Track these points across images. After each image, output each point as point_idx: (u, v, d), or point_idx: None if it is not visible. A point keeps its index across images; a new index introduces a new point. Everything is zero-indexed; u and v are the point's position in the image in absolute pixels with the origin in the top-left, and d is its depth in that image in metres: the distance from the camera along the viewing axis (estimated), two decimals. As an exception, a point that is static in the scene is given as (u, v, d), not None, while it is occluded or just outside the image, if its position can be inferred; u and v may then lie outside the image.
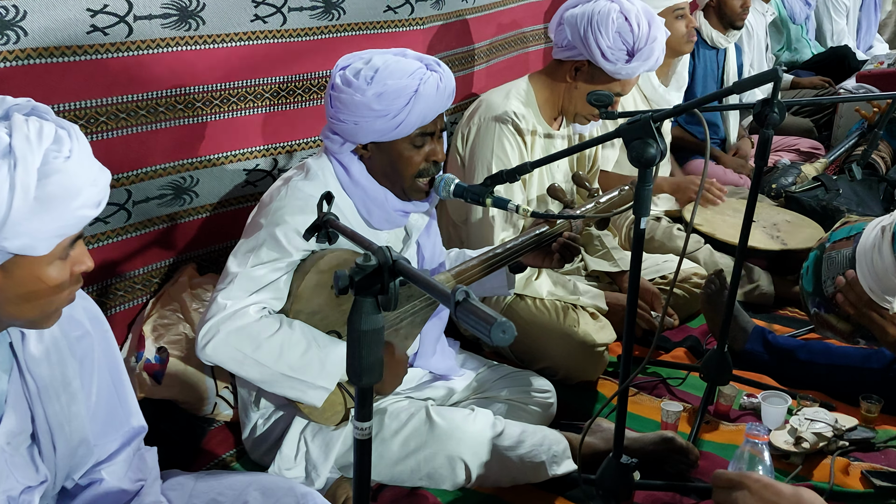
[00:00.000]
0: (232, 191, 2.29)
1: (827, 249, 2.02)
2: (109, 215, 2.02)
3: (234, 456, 2.17)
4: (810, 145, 4.29)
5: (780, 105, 2.00)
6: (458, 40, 2.89)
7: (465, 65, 2.99)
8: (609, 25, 2.44)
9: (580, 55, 2.51)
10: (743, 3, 3.85)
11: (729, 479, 1.47)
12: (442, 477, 1.98)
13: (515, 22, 3.25)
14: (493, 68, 3.16)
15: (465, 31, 2.93)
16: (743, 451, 1.68)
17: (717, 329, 2.60)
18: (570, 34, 2.50)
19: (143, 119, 2.02)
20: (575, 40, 2.49)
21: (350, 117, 1.88)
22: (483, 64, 3.10)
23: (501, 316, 0.93)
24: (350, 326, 1.11)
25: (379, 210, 2.00)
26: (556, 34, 2.58)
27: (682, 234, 3.19)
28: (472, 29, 2.97)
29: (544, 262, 2.12)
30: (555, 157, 1.91)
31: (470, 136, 2.59)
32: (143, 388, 2.04)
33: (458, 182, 1.98)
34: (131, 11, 1.92)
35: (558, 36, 2.56)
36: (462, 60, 2.96)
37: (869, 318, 1.91)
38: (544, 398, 2.25)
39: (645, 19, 2.48)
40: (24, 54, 1.74)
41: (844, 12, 5.86)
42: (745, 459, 1.66)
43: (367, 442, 1.20)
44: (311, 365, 1.79)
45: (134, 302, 2.13)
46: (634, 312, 1.78)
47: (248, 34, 2.16)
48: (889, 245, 1.82)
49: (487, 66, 3.14)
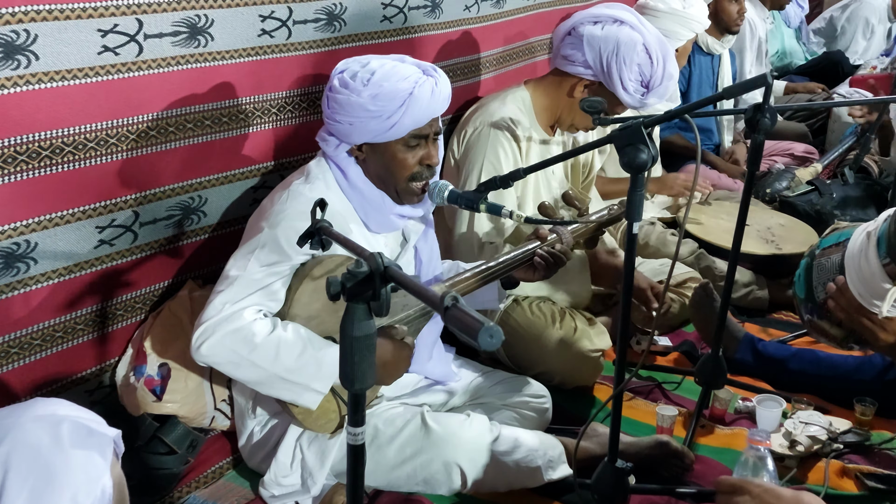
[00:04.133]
0: (239, 208, 2.28)
1: (817, 256, 2.03)
2: (115, 238, 2.00)
3: (230, 464, 2.17)
4: (804, 150, 4.31)
5: (772, 110, 2.01)
6: (459, 50, 2.89)
7: (469, 74, 3.00)
8: (633, 58, 2.42)
9: (594, 76, 2.49)
10: (739, 8, 3.87)
11: (731, 485, 1.52)
12: (438, 482, 1.99)
13: (522, 33, 3.25)
14: (501, 77, 3.17)
15: (468, 42, 2.93)
16: (747, 458, 1.69)
17: (707, 337, 2.61)
18: (589, 56, 2.46)
19: (154, 139, 2.01)
20: (594, 63, 2.46)
21: (346, 118, 1.90)
22: (489, 73, 3.12)
23: (489, 321, 0.94)
24: (342, 332, 1.13)
25: (376, 213, 2.02)
26: (568, 47, 2.52)
27: (676, 239, 3.20)
28: (476, 39, 2.98)
29: (532, 275, 2.13)
30: (548, 162, 1.93)
31: (464, 140, 2.60)
32: (143, 403, 2.04)
33: (452, 188, 1.99)
34: (141, 30, 1.91)
35: (569, 49, 2.51)
36: (465, 70, 2.97)
37: (860, 323, 1.92)
38: (540, 403, 2.26)
39: (662, 55, 2.47)
40: (35, 78, 1.74)
41: (869, 36, 5.84)
42: (749, 465, 1.67)
43: (360, 448, 1.20)
44: (307, 367, 1.79)
45: (133, 318, 2.13)
46: (628, 318, 1.79)
47: (255, 49, 2.17)
48: (875, 250, 1.84)
49: (495, 76, 3.14)
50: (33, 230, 1.82)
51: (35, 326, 1.90)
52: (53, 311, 1.93)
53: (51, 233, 1.86)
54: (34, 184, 1.79)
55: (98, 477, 1.10)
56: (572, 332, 2.50)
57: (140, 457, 2.02)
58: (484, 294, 2.16)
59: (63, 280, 1.92)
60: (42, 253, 1.85)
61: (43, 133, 1.78)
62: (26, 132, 1.75)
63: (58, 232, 1.87)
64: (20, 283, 1.83)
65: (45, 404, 1.16)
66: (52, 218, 1.86)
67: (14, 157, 1.74)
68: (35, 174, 1.79)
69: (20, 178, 1.76)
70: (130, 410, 2.06)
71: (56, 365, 1.97)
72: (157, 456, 2.04)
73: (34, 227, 1.83)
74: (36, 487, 1.06)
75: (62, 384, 2.00)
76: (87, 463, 1.10)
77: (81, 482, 1.09)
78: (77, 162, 1.86)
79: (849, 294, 1.90)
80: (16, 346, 1.87)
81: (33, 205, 1.81)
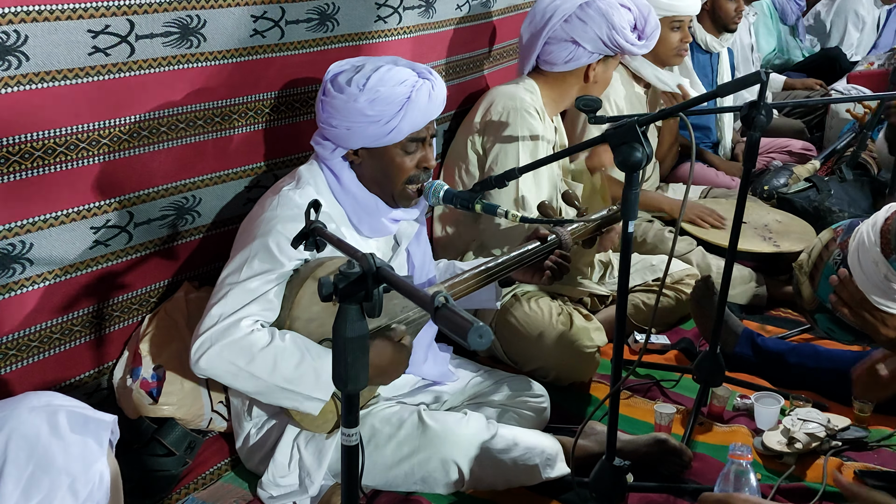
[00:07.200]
0: (233, 208, 2.27)
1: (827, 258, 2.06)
2: (110, 238, 2.00)
3: (228, 465, 2.17)
4: (802, 146, 4.30)
5: (768, 107, 2.01)
6: (450, 49, 2.90)
7: (463, 73, 3.00)
8: (623, 19, 2.61)
9: (600, 54, 2.64)
10: (737, 6, 3.86)
11: (716, 500, 1.54)
12: (436, 481, 1.99)
13: (513, 31, 3.26)
14: (493, 76, 3.18)
15: (461, 40, 2.94)
16: (728, 472, 1.69)
17: (706, 332, 2.61)
18: (590, 45, 2.62)
19: (146, 140, 2.00)
20: (596, 47, 2.62)
21: (342, 122, 1.89)
22: (481, 71, 3.12)
23: (479, 321, 0.94)
24: (335, 334, 1.12)
25: (369, 217, 2.01)
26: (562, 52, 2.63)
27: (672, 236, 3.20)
28: (468, 37, 2.98)
29: (533, 279, 2.12)
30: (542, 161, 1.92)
31: (490, 129, 2.62)
32: (140, 406, 2.03)
33: (448, 188, 2.00)
34: (133, 31, 1.90)
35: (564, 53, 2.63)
36: (459, 69, 2.97)
37: (862, 317, 1.93)
38: (538, 403, 2.26)
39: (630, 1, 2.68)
40: (25, 79, 1.73)
41: (861, 27, 5.84)
42: (730, 481, 1.67)
43: (354, 448, 1.20)
44: (306, 376, 1.79)
45: (130, 320, 2.12)
46: (624, 316, 1.79)
47: (248, 49, 2.17)
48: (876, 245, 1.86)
49: (488, 74, 3.15)
50: (28, 231, 1.82)
51: (32, 328, 1.89)
52: (50, 313, 1.92)
53: (45, 233, 1.86)
54: (27, 184, 1.79)
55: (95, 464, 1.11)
56: (570, 329, 2.50)
57: (138, 459, 2.02)
58: (481, 294, 2.15)
59: (59, 281, 1.92)
60: (37, 254, 1.85)
61: (35, 133, 1.78)
62: (18, 133, 1.75)
63: (52, 233, 1.87)
64: (16, 285, 1.83)
65: (40, 396, 1.17)
66: (46, 219, 1.85)
67: (6, 158, 1.74)
68: (28, 175, 1.78)
69: (13, 178, 1.76)
70: (128, 413, 2.06)
71: (54, 367, 1.96)
72: (156, 458, 2.04)
73: (29, 228, 1.82)
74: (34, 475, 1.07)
75: (60, 387, 1.99)
76: (84, 451, 1.11)
77: (79, 470, 1.09)
78: (70, 162, 1.86)
79: (852, 286, 1.91)
80: (13, 348, 1.87)
81: (27, 205, 1.81)
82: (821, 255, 2.09)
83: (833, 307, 2.00)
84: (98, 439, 1.13)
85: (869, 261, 1.89)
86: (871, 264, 1.88)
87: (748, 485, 1.66)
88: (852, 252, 1.94)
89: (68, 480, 1.08)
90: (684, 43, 3.25)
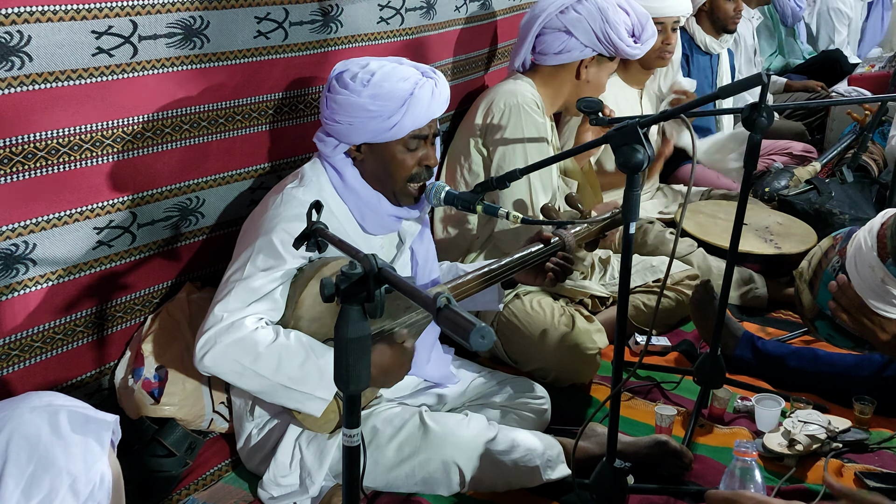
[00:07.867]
0: (237, 210, 2.27)
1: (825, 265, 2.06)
2: (113, 239, 2.00)
3: (229, 466, 2.18)
4: (803, 149, 4.30)
5: (769, 109, 2.01)
6: (451, 50, 2.90)
7: (464, 73, 3.01)
8: (618, 17, 2.60)
9: (593, 51, 2.63)
10: (735, 7, 3.86)
11: (724, 498, 1.50)
12: (437, 482, 1.99)
13: (510, 32, 3.26)
14: (493, 76, 3.18)
15: (460, 41, 2.94)
16: (734, 469, 1.69)
17: (707, 335, 2.61)
18: (583, 38, 2.60)
19: (150, 141, 2.01)
20: (589, 41, 2.61)
21: (345, 118, 1.91)
22: (483, 72, 3.13)
23: (481, 322, 0.94)
24: (337, 334, 1.13)
25: (373, 214, 2.02)
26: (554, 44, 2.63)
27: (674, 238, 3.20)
28: (468, 38, 2.99)
29: (536, 281, 2.12)
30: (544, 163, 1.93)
31: (493, 127, 2.62)
32: (141, 406, 2.04)
33: (449, 189, 2.00)
34: (136, 31, 1.90)
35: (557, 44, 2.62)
36: (460, 68, 2.98)
37: (860, 322, 1.93)
38: (539, 404, 2.26)
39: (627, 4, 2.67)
40: (28, 80, 1.73)
41: (847, 23, 5.85)
42: (736, 477, 1.67)
43: (355, 449, 1.20)
44: (310, 376, 1.79)
45: (133, 321, 2.12)
46: (625, 318, 1.80)
47: (251, 51, 2.17)
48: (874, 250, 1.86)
49: (488, 74, 3.16)
50: (31, 231, 1.82)
51: (35, 329, 1.90)
52: (53, 314, 1.93)
53: (49, 234, 1.86)
54: (31, 185, 1.79)
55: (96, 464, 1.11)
56: (572, 330, 2.50)
57: (139, 459, 2.02)
58: (484, 295, 2.15)
59: (62, 282, 1.92)
60: (40, 254, 1.85)
61: (38, 134, 1.78)
62: (22, 133, 1.75)
63: (56, 233, 1.87)
64: (20, 285, 1.83)
65: (41, 396, 1.17)
66: (49, 219, 1.85)
67: (10, 158, 1.74)
68: (31, 175, 1.79)
69: (17, 178, 1.76)
70: (129, 413, 2.06)
71: (56, 368, 1.97)
72: (156, 458, 2.04)
73: (32, 229, 1.83)
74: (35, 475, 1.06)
75: (62, 387, 1.99)
76: (85, 451, 1.11)
77: (80, 470, 1.09)
78: (73, 163, 1.86)
79: (851, 292, 1.91)
80: (16, 348, 1.87)
81: (31, 206, 1.81)
82: (820, 263, 2.10)
83: (832, 313, 2.01)
84: (99, 439, 1.13)
85: (866, 265, 1.90)
86: (867, 269, 1.89)
87: (753, 481, 1.65)
88: (850, 258, 1.95)
89: (69, 480, 1.08)
90: (666, 45, 3.21)
